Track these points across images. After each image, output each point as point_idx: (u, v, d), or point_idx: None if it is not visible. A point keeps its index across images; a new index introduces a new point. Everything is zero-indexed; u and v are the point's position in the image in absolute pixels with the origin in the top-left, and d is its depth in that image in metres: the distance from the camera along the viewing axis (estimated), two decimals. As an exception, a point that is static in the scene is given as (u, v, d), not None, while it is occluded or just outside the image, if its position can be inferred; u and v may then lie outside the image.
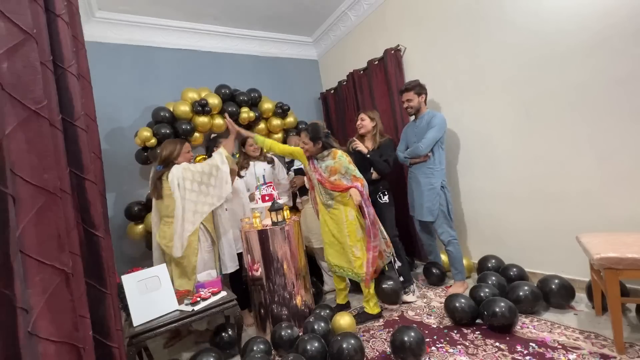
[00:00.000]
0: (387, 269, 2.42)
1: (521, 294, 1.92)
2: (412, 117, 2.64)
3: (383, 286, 2.27)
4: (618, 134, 1.86)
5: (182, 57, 3.44)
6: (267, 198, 2.35)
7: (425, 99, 2.54)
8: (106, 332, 1.06)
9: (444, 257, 2.84)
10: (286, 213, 2.31)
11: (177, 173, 2.10)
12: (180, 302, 1.87)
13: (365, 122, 2.61)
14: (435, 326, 1.98)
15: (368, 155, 2.47)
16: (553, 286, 1.95)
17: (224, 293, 1.98)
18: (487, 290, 2.00)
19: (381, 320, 2.16)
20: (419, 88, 2.50)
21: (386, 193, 2.54)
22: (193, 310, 1.79)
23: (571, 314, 1.88)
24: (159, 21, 3.26)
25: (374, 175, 2.51)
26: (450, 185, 2.88)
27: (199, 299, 1.85)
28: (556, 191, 2.17)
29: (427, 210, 2.44)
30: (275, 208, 2.22)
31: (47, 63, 0.93)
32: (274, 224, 2.22)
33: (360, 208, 2.12)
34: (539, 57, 2.14)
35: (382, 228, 2.22)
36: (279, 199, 2.41)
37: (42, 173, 0.82)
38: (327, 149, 2.20)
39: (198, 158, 3.37)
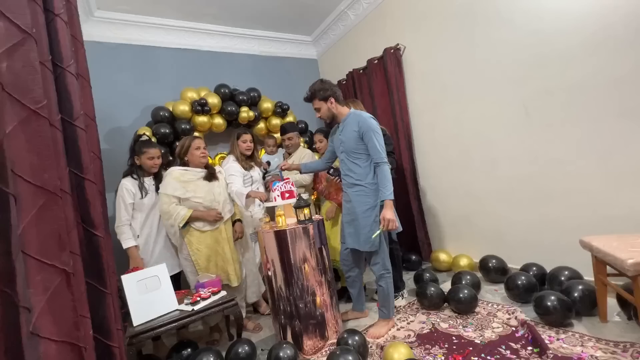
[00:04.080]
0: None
1: (548, 304, 1.75)
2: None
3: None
4: (618, 133, 1.87)
5: (182, 57, 3.44)
6: (287, 195, 2.06)
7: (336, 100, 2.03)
8: (106, 331, 1.06)
9: (444, 255, 2.85)
10: (307, 211, 2.02)
11: (162, 190, 2.12)
12: (180, 301, 1.87)
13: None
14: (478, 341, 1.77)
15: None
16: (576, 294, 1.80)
17: (223, 293, 1.98)
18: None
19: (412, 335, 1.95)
20: (322, 92, 2.00)
21: None
22: (193, 310, 1.79)
23: (592, 322, 1.75)
24: (158, 20, 3.25)
25: None
26: (451, 185, 2.89)
27: (198, 298, 1.86)
28: (556, 191, 2.17)
29: (364, 238, 1.97)
30: (301, 205, 1.98)
31: (46, 63, 0.93)
32: (299, 222, 2.00)
33: None
34: (538, 56, 2.14)
35: None
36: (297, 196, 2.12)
37: (42, 173, 0.82)
38: None
39: (217, 157, 3.36)
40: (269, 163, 2.76)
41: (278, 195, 2.04)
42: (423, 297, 2.21)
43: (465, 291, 2.06)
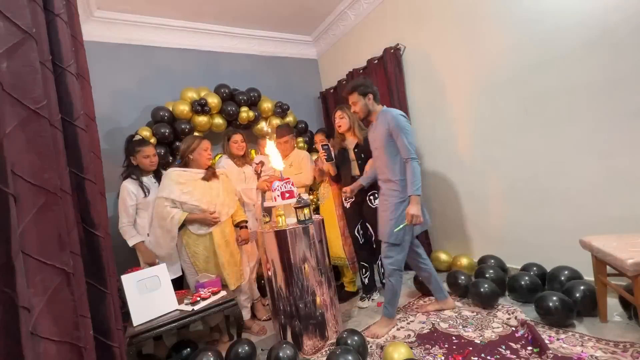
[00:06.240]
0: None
1: (550, 304, 1.75)
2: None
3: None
4: (618, 133, 1.86)
5: (181, 57, 3.43)
6: (287, 195, 2.05)
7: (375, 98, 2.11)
8: (106, 331, 1.06)
9: (444, 255, 2.85)
10: (307, 211, 2.03)
11: (158, 193, 2.10)
12: (180, 301, 1.87)
13: (343, 121, 2.50)
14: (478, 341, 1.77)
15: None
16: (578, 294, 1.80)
17: (223, 293, 1.98)
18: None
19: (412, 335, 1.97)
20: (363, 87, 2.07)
21: (377, 196, 2.37)
22: (193, 310, 1.79)
23: (592, 322, 1.75)
24: (158, 20, 3.25)
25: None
26: (451, 185, 2.89)
27: (198, 298, 1.86)
28: (556, 190, 2.17)
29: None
30: (301, 204, 1.99)
31: (47, 62, 0.93)
32: (299, 222, 2.00)
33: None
34: (538, 56, 2.14)
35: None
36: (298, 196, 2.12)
37: (42, 173, 0.82)
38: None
39: (217, 157, 3.34)
40: (262, 163, 2.75)
41: (278, 195, 2.03)
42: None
43: (486, 285, 2.09)
